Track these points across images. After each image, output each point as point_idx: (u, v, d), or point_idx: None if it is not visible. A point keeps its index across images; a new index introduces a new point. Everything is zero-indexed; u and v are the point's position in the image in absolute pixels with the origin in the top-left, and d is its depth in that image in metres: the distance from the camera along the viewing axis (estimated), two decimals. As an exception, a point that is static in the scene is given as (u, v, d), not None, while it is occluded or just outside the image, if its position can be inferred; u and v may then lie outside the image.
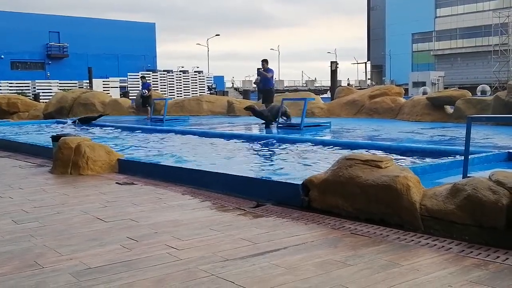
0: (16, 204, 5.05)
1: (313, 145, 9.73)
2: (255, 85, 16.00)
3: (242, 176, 5.66)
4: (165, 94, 38.80)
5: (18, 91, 37.55)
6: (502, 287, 2.68)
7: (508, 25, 57.69)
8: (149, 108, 20.16)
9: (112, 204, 4.99)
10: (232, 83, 63.34)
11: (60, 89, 34.91)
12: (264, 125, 14.46)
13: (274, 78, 15.49)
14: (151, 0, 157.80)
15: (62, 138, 7.39)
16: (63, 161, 7.05)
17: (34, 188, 5.96)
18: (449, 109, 15.65)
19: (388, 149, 8.36)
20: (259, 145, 10.25)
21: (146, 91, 20.88)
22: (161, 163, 7.10)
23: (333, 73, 30.43)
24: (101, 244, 3.62)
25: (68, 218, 4.45)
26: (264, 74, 15.18)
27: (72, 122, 18.42)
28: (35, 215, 4.56)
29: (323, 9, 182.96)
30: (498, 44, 57.83)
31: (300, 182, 4.70)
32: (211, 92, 45.73)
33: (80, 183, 6.32)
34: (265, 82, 15.29)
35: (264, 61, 15.32)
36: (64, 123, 18.62)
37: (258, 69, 14.93)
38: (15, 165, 8.07)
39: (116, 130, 15.59)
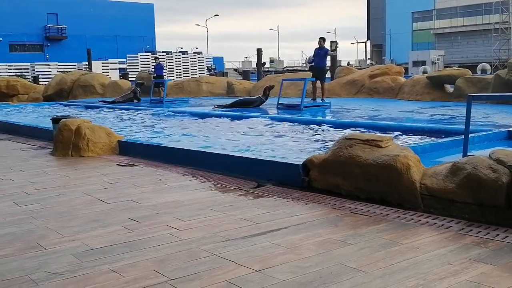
0: (18, 186, 5.06)
1: (313, 125, 9.73)
2: (306, 62, 16.64)
3: (242, 157, 5.67)
4: (165, 75, 38.62)
5: (17, 73, 37.46)
6: (501, 265, 2.70)
7: (509, 3, 57.14)
8: (162, 89, 19.80)
9: (113, 185, 5.01)
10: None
11: (59, 71, 34.76)
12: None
13: (329, 53, 15.99)
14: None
15: (62, 120, 7.38)
16: (63, 143, 7.05)
17: (35, 170, 5.98)
18: (449, 88, 15.61)
19: (388, 129, 8.36)
20: (258, 125, 10.24)
21: (153, 71, 20.79)
22: (162, 145, 7.11)
23: (334, 52, 30.26)
24: (103, 225, 3.64)
25: (70, 200, 4.46)
26: (331, 53, 15.89)
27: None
28: (36, 197, 4.58)
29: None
30: (498, 22, 57.37)
31: (300, 162, 4.71)
32: (211, 73, 45.57)
33: (81, 165, 6.33)
34: (318, 61, 15.35)
35: (322, 39, 15.46)
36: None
37: (316, 48, 15.42)
38: (16, 148, 8.08)
39: (117, 111, 15.58)
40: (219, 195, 4.50)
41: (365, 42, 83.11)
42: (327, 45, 17.12)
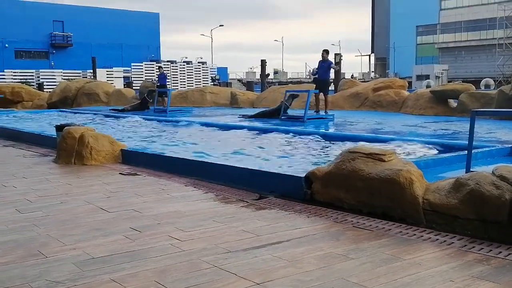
0: (20, 194, 5.07)
1: (316, 138, 9.73)
2: (310, 74, 16.66)
3: (245, 168, 5.67)
4: (169, 85, 38.77)
5: (22, 80, 37.64)
6: (504, 283, 2.69)
7: (514, 19, 57.28)
8: (165, 98, 19.88)
9: (116, 194, 5.01)
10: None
11: (64, 79, 34.96)
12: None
13: (333, 66, 15.93)
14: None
15: (66, 128, 7.41)
16: (67, 151, 7.07)
17: (38, 178, 5.99)
18: (453, 103, 15.61)
19: (391, 142, 8.35)
20: (263, 137, 10.25)
21: (157, 80, 20.95)
22: (164, 154, 7.12)
23: (337, 65, 30.34)
24: (105, 234, 3.64)
25: (72, 208, 4.47)
26: (334, 67, 15.74)
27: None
28: (38, 205, 4.58)
29: (328, 1, 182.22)
30: (503, 38, 57.43)
31: (303, 175, 4.71)
32: (215, 83, 45.69)
33: (83, 173, 6.34)
34: (322, 73, 15.38)
35: (325, 51, 15.47)
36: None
37: (320, 61, 15.52)
38: (19, 154, 8.10)
39: (121, 119, 15.61)
40: (221, 206, 4.50)
41: (369, 55, 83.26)
42: (331, 57, 17.18)
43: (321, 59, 15.35)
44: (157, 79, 21.77)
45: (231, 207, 4.44)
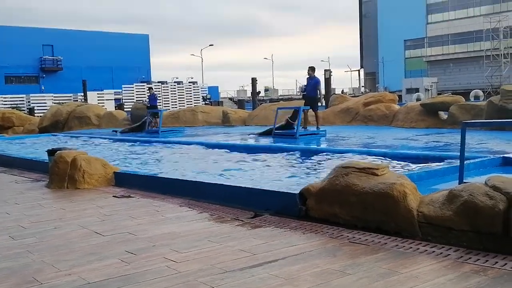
0: (13, 220, 5.03)
1: (309, 154, 9.75)
2: (300, 91, 16.60)
3: (239, 186, 5.66)
4: (160, 105, 38.81)
5: (12, 105, 37.53)
6: (501, 293, 2.69)
7: (499, 30, 58.10)
8: (157, 119, 19.90)
9: (110, 217, 4.98)
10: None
11: (54, 103, 34.89)
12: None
13: (319, 87, 15.64)
14: (144, 12, 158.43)
15: (58, 152, 7.38)
16: (59, 175, 7.03)
17: (31, 203, 5.94)
18: (443, 115, 15.72)
19: (384, 156, 8.38)
20: (256, 155, 10.25)
21: (148, 102, 21.01)
22: (158, 175, 7.09)
23: (327, 81, 30.59)
24: (99, 258, 3.61)
25: (66, 232, 4.43)
26: (319, 87, 15.45)
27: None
28: (32, 231, 4.54)
29: (316, 19, 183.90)
30: (490, 49, 58.20)
31: (297, 191, 4.71)
32: (206, 102, 45.79)
33: (77, 197, 6.30)
34: (309, 90, 15.41)
35: (310, 69, 15.43)
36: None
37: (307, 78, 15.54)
38: (11, 180, 8.04)
39: (113, 142, 15.57)
40: (216, 225, 4.48)
41: (359, 70, 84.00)
42: (321, 73, 17.23)
43: (308, 76, 15.44)
44: (147, 100, 21.79)
45: (226, 227, 4.42)
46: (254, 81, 40.17)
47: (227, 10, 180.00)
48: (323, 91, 20.54)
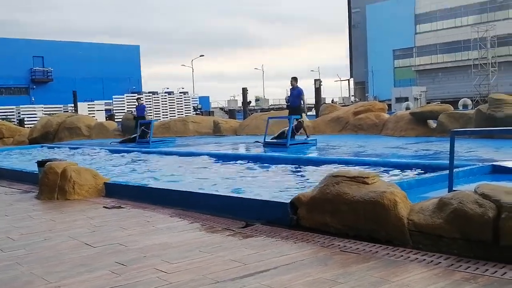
0: (2, 232, 4.98)
1: (300, 163, 9.76)
2: (286, 101, 16.65)
3: (230, 196, 5.65)
4: (151, 115, 38.71)
5: (2, 116, 37.28)
6: (491, 300, 2.70)
7: (487, 39, 58.71)
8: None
9: (100, 228, 4.95)
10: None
11: (45, 114, 34.72)
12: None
13: (302, 97, 15.63)
14: (134, 24, 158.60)
15: (47, 163, 7.34)
16: (49, 186, 6.99)
17: (20, 215, 5.89)
18: (432, 123, 15.82)
19: (374, 165, 8.42)
20: (247, 164, 10.25)
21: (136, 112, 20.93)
22: (148, 186, 7.07)
23: (317, 90, 30.72)
24: (90, 270, 3.58)
25: (56, 244, 4.40)
26: (302, 97, 15.52)
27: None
28: (22, 243, 4.50)
29: (306, 29, 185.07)
30: (477, 58, 58.75)
31: (288, 201, 4.71)
32: (197, 112, 45.76)
33: (67, 208, 6.26)
34: (292, 100, 15.46)
35: (293, 79, 15.52)
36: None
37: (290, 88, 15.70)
38: (0, 192, 7.98)
39: (103, 153, 15.51)
40: (207, 236, 4.47)
41: (348, 80, 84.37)
42: (310, 83, 17.31)
43: (291, 86, 15.52)
44: (136, 110, 21.66)
45: (217, 237, 4.41)
46: (244, 91, 40.26)
47: (217, 22, 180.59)
48: (312, 101, 20.59)
